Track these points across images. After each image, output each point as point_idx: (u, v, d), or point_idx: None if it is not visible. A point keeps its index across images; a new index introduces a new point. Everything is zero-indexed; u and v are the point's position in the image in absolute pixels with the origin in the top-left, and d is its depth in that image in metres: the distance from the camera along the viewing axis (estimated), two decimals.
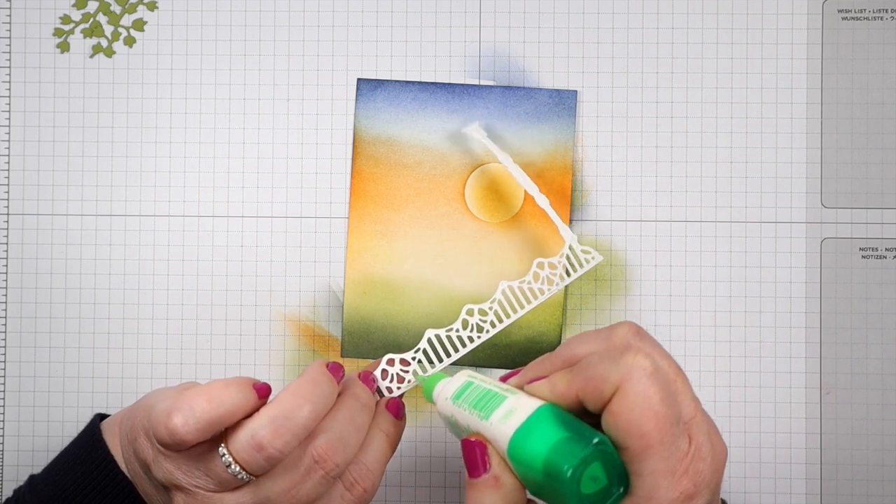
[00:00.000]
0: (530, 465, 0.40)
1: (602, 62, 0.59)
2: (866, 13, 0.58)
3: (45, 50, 0.59)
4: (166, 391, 0.46)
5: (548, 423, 0.40)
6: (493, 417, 0.42)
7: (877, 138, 0.58)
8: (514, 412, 0.41)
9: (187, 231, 0.59)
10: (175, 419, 0.42)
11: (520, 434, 0.40)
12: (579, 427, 0.40)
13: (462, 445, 0.42)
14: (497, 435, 0.41)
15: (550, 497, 0.40)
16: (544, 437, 0.40)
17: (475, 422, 0.42)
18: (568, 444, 0.39)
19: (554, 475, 0.39)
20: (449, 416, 0.45)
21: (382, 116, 0.59)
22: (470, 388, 0.44)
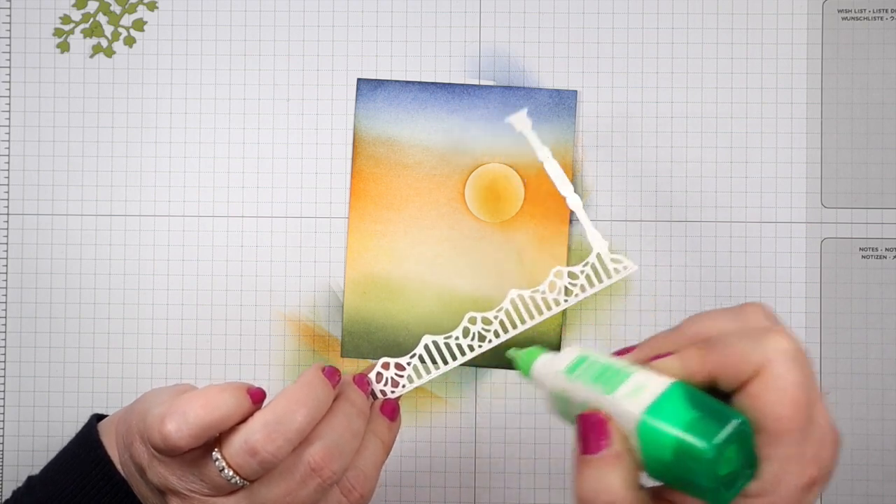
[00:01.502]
0: (661, 443, 0.38)
1: (602, 62, 0.59)
2: (866, 13, 0.58)
3: (45, 50, 0.59)
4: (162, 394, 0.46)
5: (682, 400, 0.39)
6: (620, 392, 0.40)
7: (877, 138, 0.58)
8: (643, 388, 0.39)
9: (187, 231, 0.59)
10: (168, 425, 0.42)
11: (653, 410, 0.38)
12: (717, 406, 0.39)
13: (580, 420, 0.40)
14: (623, 410, 0.39)
15: (677, 478, 0.38)
16: (679, 415, 0.38)
17: (596, 396, 0.40)
18: (707, 422, 0.38)
19: (689, 454, 0.37)
20: (559, 390, 0.42)
21: (382, 116, 0.59)
22: (586, 363, 0.42)
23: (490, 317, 0.49)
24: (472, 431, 0.59)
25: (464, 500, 0.59)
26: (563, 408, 0.43)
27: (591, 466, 0.39)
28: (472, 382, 0.59)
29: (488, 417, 0.59)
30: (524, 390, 0.59)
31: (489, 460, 0.59)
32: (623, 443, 0.39)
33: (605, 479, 0.39)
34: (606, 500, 0.39)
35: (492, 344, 0.49)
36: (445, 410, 0.59)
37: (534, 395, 0.58)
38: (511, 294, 0.49)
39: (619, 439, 0.39)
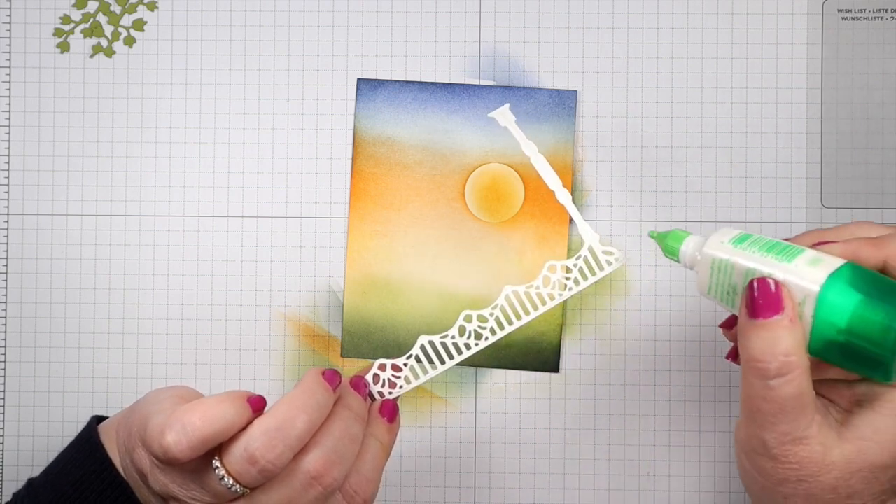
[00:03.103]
0: (840, 310, 0.39)
1: (602, 62, 0.59)
2: (866, 13, 0.58)
3: (45, 50, 0.59)
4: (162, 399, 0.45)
5: (860, 274, 0.40)
6: (798, 261, 0.41)
7: (877, 138, 0.58)
8: (821, 261, 0.41)
9: (187, 231, 0.59)
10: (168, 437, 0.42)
11: (835, 277, 0.40)
12: (892, 284, 0.40)
13: (755, 283, 0.41)
14: (802, 278, 0.40)
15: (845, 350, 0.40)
16: (859, 285, 0.39)
17: (770, 264, 0.41)
18: (887, 293, 0.39)
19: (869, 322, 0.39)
20: (723, 260, 0.43)
21: (382, 116, 0.59)
22: (753, 237, 0.43)
23: (486, 314, 0.48)
24: (472, 431, 0.59)
25: (464, 500, 0.59)
26: (723, 280, 0.43)
27: (765, 329, 0.40)
28: (472, 382, 0.59)
29: (488, 417, 0.59)
30: (524, 390, 0.59)
31: (489, 460, 0.59)
32: (796, 310, 0.40)
33: (782, 341, 0.40)
34: (784, 359, 0.40)
35: (488, 342, 0.48)
36: (445, 410, 0.59)
37: (534, 396, 0.58)
38: (506, 290, 0.48)
39: (793, 306, 0.40)
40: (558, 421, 0.59)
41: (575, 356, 0.59)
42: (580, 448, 0.58)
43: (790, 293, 0.40)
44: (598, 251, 0.48)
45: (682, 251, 0.46)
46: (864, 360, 0.40)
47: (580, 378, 0.59)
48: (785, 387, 0.40)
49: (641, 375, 0.58)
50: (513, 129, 0.49)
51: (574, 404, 0.59)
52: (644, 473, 0.58)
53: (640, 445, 0.58)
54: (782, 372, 0.40)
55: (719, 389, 0.58)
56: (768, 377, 0.40)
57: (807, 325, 0.40)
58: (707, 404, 0.58)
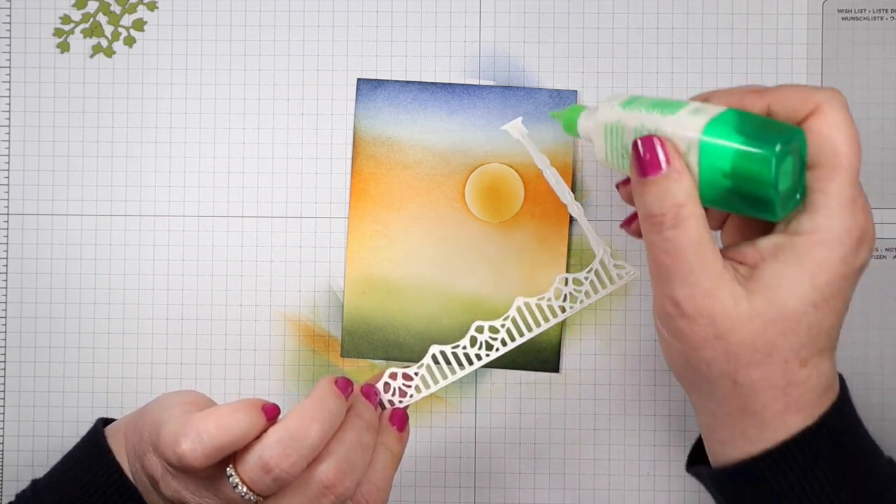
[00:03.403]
0: (723, 154, 0.39)
1: (602, 62, 0.59)
2: (866, 13, 0.58)
3: (45, 50, 0.59)
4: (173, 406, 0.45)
5: (741, 117, 0.40)
6: (681, 113, 0.41)
7: (877, 138, 0.58)
8: (702, 110, 0.41)
9: (187, 231, 0.59)
10: (183, 444, 0.42)
11: (714, 123, 0.40)
12: (774, 122, 0.40)
13: (638, 142, 0.41)
14: (684, 128, 0.40)
15: (734, 195, 0.40)
16: (740, 128, 0.39)
17: (655, 119, 0.41)
18: (766, 132, 0.39)
19: (751, 161, 0.39)
20: (614, 122, 0.43)
21: (382, 116, 0.59)
22: (641, 99, 0.43)
23: (497, 325, 0.49)
24: (472, 431, 0.59)
25: (464, 500, 0.59)
26: (615, 144, 0.43)
27: (653, 184, 0.41)
28: (472, 382, 0.59)
29: (488, 417, 0.59)
30: (524, 390, 0.59)
31: (489, 460, 0.59)
32: (682, 161, 0.41)
33: (671, 192, 0.40)
34: (676, 209, 0.40)
35: (499, 353, 0.49)
36: (445, 410, 0.59)
37: (534, 396, 0.59)
38: (517, 302, 0.49)
39: (678, 158, 0.41)
40: (558, 421, 0.59)
41: (575, 356, 0.59)
42: (580, 448, 0.58)
43: (675, 146, 0.41)
44: (609, 265, 0.49)
45: (579, 124, 0.46)
46: (752, 200, 0.40)
47: (580, 378, 0.59)
48: (682, 235, 0.40)
49: (641, 375, 0.58)
50: (525, 142, 0.50)
51: (574, 404, 0.59)
52: (644, 473, 0.58)
53: (640, 445, 0.58)
54: (677, 221, 0.40)
55: None
56: (664, 229, 0.40)
57: (695, 174, 0.41)
58: None
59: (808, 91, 0.41)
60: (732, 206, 0.41)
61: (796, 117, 0.41)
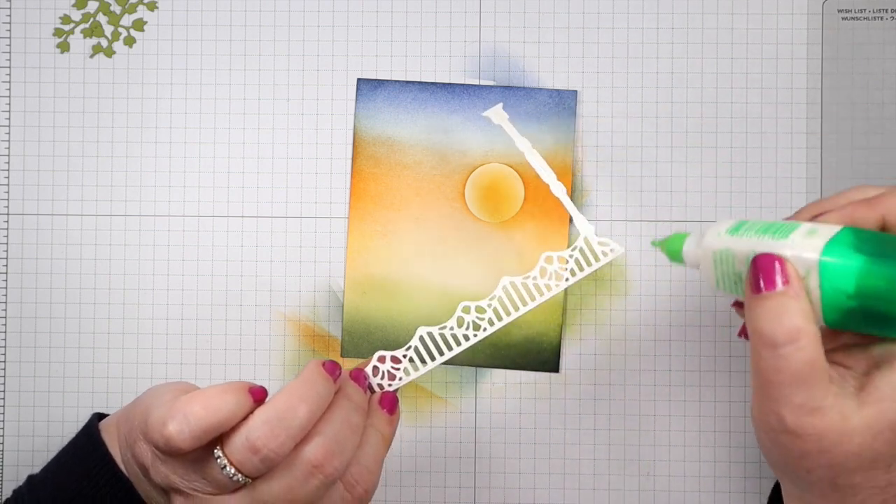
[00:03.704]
0: (844, 275, 0.38)
1: (602, 62, 0.59)
2: (866, 13, 0.58)
3: (45, 50, 0.59)
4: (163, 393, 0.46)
5: (858, 236, 0.39)
6: (794, 236, 0.40)
7: (877, 139, 0.58)
8: (817, 231, 0.40)
9: (187, 231, 0.59)
10: (170, 427, 0.42)
11: (832, 244, 0.39)
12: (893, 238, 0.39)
13: (756, 261, 0.40)
14: (800, 251, 0.39)
15: (859, 314, 0.39)
16: (859, 246, 0.39)
17: (768, 243, 0.41)
18: (887, 249, 0.38)
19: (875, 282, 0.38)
20: (722, 249, 0.43)
21: (382, 116, 0.59)
22: (749, 223, 0.43)
23: (483, 305, 0.49)
24: (472, 431, 0.59)
25: (464, 500, 0.59)
26: (727, 270, 0.43)
27: (769, 300, 0.40)
28: (472, 382, 0.59)
29: (488, 417, 0.59)
30: (524, 390, 0.59)
31: (489, 460, 0.59)
32: (801, 282, 0.40)
33: (788, 310, 0.40)
34: (790, 327, 0.39)
35: (486, 332, 0.49)
36: (445, 410, 0.59)
37: (534, 395, 0.58)
38: (503, 281, 0.49)
39: (797, 278, 0.40)
40: (558, 421, 0.59)
41: (575, 356, 0.59)
42: (580, 448, 0.58)
43: (793, 267, 0.40)
44: (593, 242, 0.49)
45: (684, 252, 0.45)
46: (881, 320, 0.39)
47: (580, 378, 0.59)
48: (795, 354, 0.39)
49: (641, 375, 0.58)
50: (506, 126, 0.50)
51: (574, 404, 0.59)
52: (644, 473, 0.58)
53: (640, 445, 0.58)
54: (792, 339, 0.39)
55: (719, 389, 0.58)
56: (777, 346, 0.40)
57: (816, 298, 0.40)
58: (707, 404, 0.58)
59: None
60: (858, 326, 0.40)
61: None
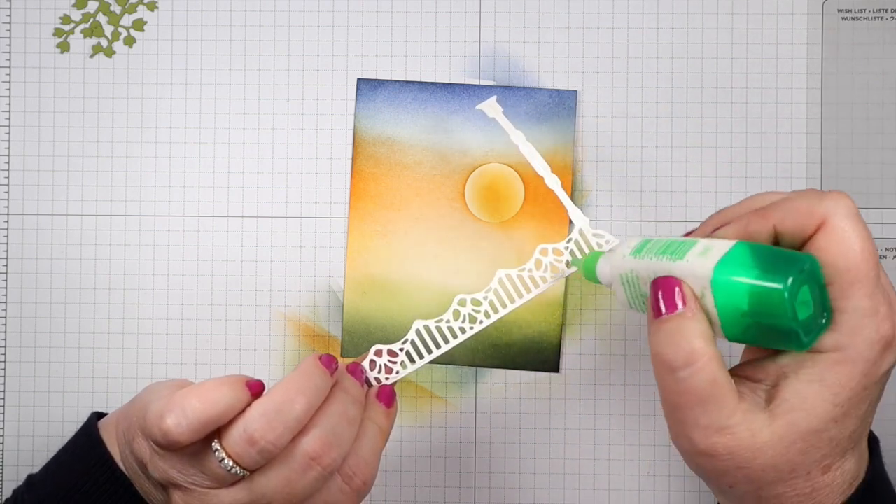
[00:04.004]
0: (736, 293, 0.39)
1: (602, 62, 0.59)
2: (866, 13, 0.58)
3: (45, 50, 0.59)
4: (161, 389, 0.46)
5: (750, 252, 0.39)
6: (689, 255, 0.40)
7: (877, 138, 0.58)
8: (711, 249, 0.40)
9: (187, 231, 0.59)
10: (168, 420, 0.42)
11: (723, 264, 0.39)
12: (784, 252, 0.40)
13: (653, 286, 0.41)
14: (695, 271, 0.40)
15: (756, 329, 0.39)
16: (750, 264, 0.39)
17: (665, 265, 0.41)
18: (777, 265, 0.38)
19: (766, 297, 0.38)
20: (627, 272, 0.43)
21: (382, 116, 0.59)
22: (651, 242, 0.43)
23: (479, 298, 0.48)
24: (472, 431, 0.59)
25: (464, 500, 0.59)
26: (634, 292, 0.43)
27: (667, 323, 0.40)
28: (472, 382, 0.59)
29: (488, 417, 0.59)
30: (524, 390, 0.59)
31: (489, 460, 0.59)
32: (697, 303, 0.40)
33: (685, 333, 0.40)
34: (687, 350, 0.40)
35: (482, 325, 0.48)
36: (445, 410, 0.59)
37: (534, 395, 0.58)
38: (499, 274, 0.49)
39: (693, 299, 0.40)
40: (558, 421, 0.59)
41: (575, 356, 0.59)
42: (580, 448, 0.58)
43: (690, 288, 0.40)
44: (588, 234, 0.48)
45: (598, 273, 0.46)
46: (776, 334, 0.39)
47: (580, 378, 0.59)
48: (695, 376, 0.40)
49: (641, 375, 0.58)
50: (500, 119, 0.50)
51: (574, 404, 0.59)
52: (644, 473, 0.58)
53: (640, 445, 0.58)
54: (688, 362, 0.40)
55: None
56: (676, 370, 0.40)
57: (714, 316, 0.40)
58: None
59: (812, 203, 0.40)
60: (758, 340, 0.40)
61: (804, 234, 0.40)
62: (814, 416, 0.40)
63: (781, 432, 0.40)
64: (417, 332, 0.48)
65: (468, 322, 0.48)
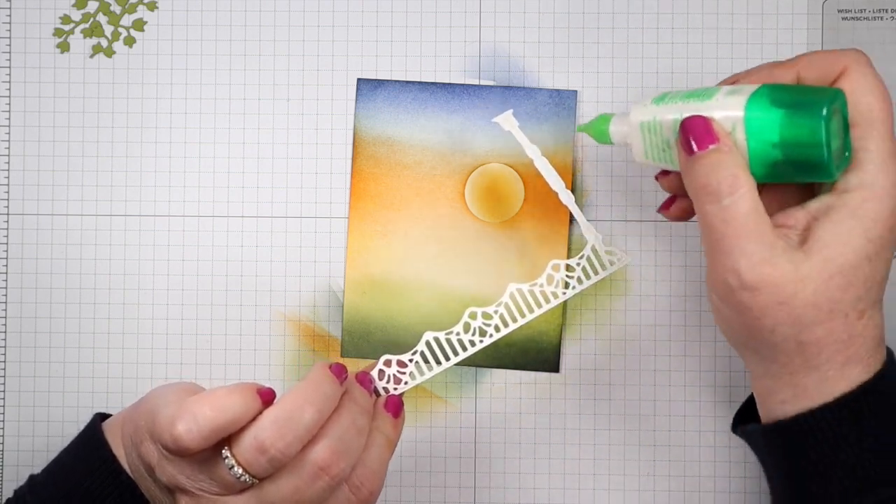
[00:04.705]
0: (769, 126, 0.40)
1: (602, 62, 0.59)
2: (866, 13, 0.58)
3: (45, 50, 0.59)
4: (168, 393, 0.46)
5: (781, 88, 0.41)
6: (718, 96, 0.42)
7: None
8: (739, 90, 0.42)
9: (187, 231, 0.59)
10: (179, 427, 0.42)
11: (755, 98, 0.41)
12: (812, 88, 0.42)
13: (684, 125, 0.42)
14: (725, 108, 0.42)
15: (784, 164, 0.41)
16: (780, 98, 0.40)
17: (694, 106, 0.43)
18: (808, 98, 0.40)
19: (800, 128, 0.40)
20: (649, 120, 0.45)
21: (382, 116, 0.59)
22: (672, 93, 0.45)
23: (490, 311, 0.49)
24: (472, 431, 0.59)
25: (464, 500, 0.59)
26: (656, 140, 0.45)
27: (705, 158, 0.42)
28: (472, 382, 0.59)
29: (488, 417, 0.59)
30: (524, 390, 0.59)
31: (489, 460, 0.59)
32: (729, 138, 0.42)
33: (724, 163, 0.42)
34: (731, 177, 0.41)
35: (492, 339, 0.49)
36: (445, 410, 0.59)
37: (534, 395, 0.58)
38: (510, 288, 0.49)
39: (726, 135, 0.42)
40: (558, 421, 0.59)
41: (575, 356, 0.59)
42: (580, 448, 0.58)
43: (720, 125, 0.42)
44: (601, 251, 0.49)
45: (611, 131, 0.48)
46: (805, 166, 0.41)
47: (580, 378, 0.59)
48: (739, 202, 0.41)
49: (641, 375, 0.58)
50: (516, 133, 0.50)
51: (574, 404, 0.59)
52: (644, 473, 0.58)
53: (640, 445, 0.58)
54: (733, 188, 0.41)
55: (719, 389, 0.58)
56: (721, 197, 0.41)
57: (743, 150, 0.42)
58: (707, 404, 0.58)
59: (833, 55, 0.43)
60: (785, 175, 0.42)
61: (827, 81, 0.43)
62: (850, 250, 0.41)
63: (820, 267, 0.41)
64: (427, 344, 0.49)
65: (478, 335, 0.49)
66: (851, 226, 0.41)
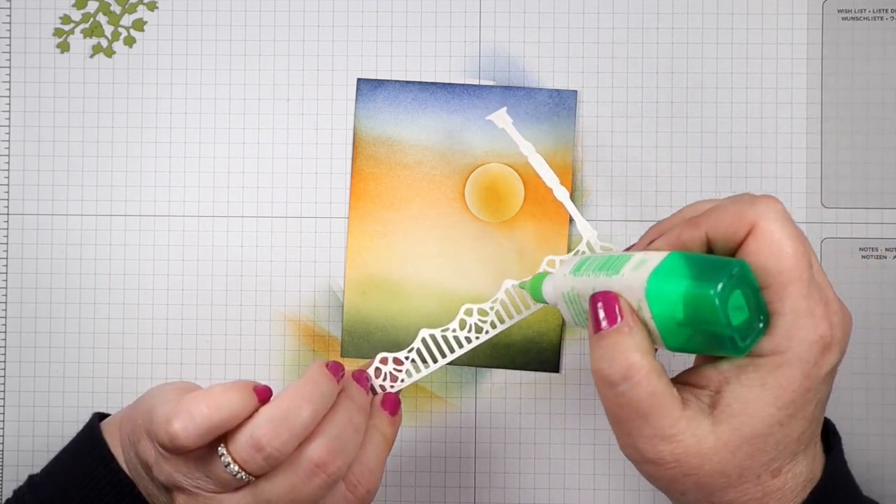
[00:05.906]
0: (670, 301, 0.39)
1: (602, 62, 0.59)
2: (866, 13, 0.58)
3: (45, 50, 0.59)
4: (166, 391, 0.46)
5: (683, 260, 0.40)
6: (625, 270, 0.41)
7: (877, 138, 0.58)
8: (645, 261, 0.40)
9: (187, 231, 0.59)
10: (175, 424, 0.42)
11: (657, 274, 0.39)
12: (715, 258, 0.40)
13: (593, 300, 0.41)
14: (630, 284, 0.40)
15: (695, 338, 0.39)
16: (683, 272, 0.39)
17: (603, 281, 0.41)
18: (708, 272, 0.38)
19: (699, 303, 0.38)
20: (568, 291, 0.44)
21: (382, 116, 0.59)
22: (590, 260, 0.43)
23: (486, 308, 0.49)
24: (472, 431, 0.59)
25: (464, 500, 0.59)
26: (577, 309, 0.44)
27: (605, 339, 0.40)
28: (472, 382, 0.59)
29: (488, 417, 0.59)
30: (524, 390, 0.59)
31: (489, 460, 0.59)
32: (634, 316, 0.40)
33: (621, 348, 0.40)
34: (624, 364, 0.40)
35: (488, 335, 0.49)
36: (445, 410, 0.59)
37: (534, 395, 0.58)
38: (505, 284, 0.49)
39: (630, 312, 0.40)
40: (558, 421, 0.59)
41: (575, 356, 0.59)
42: (580, 448, 0.58)
43: (626, 301, 0.40)
44: (595, 246, 0.49)
45: (544, 294, 0.47)
46: (714, 341, 0.39)
47: (580, 378, 0.59)
48: (634, 390, 0.40)
49: None
50: (510, 130, 0.50)
51: (574, 404, 0.59)
52: None
53: None
54: (627, 376, 0.40)
55: None
56: (614, 385, 0.40)
57: (652, 327, 0.40)
58: None
59: (741, 209, 0.40)
60: (699, 348, 0.40)
61: (736, 240, 0.40)
62: (757, 420, 0.39)
63: (726, 438, 0.40)
64: (423, 341, 0.48)
65: (474, 332, 0.49)
66: (760, 394, 0.39)
